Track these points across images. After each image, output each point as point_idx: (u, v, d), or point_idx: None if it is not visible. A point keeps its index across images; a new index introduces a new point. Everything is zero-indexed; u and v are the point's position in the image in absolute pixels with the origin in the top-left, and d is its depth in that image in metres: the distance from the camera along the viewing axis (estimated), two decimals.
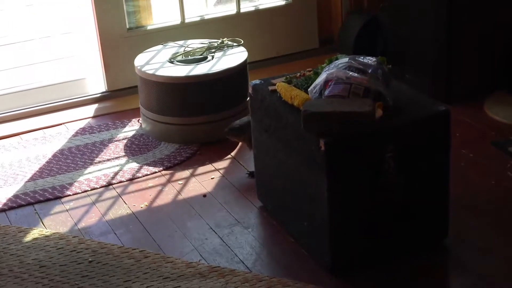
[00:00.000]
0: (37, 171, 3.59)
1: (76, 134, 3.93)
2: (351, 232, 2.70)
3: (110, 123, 4.03)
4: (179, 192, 3.37)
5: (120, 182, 3.47)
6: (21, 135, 3.97)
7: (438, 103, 2.76)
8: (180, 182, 3.45)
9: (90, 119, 4.12)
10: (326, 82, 2.69)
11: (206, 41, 4.04)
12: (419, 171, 2.71)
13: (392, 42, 4.22)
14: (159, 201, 3.31)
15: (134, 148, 3.74)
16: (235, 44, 4.00)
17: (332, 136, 2.57)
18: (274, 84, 2.95)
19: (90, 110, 4.20)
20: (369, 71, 2.69)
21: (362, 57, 2.77)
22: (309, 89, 2.77)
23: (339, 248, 2.71)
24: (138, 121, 4.01)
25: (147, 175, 3.51)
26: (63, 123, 4.06)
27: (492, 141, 3.56)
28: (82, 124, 4.05)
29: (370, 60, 2.76)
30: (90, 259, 2.89)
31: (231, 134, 3.48)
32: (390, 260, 2.78)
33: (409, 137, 2.67)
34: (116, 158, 3.67)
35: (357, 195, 2.65)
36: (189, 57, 3.90)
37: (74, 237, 3.05)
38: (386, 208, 2.70)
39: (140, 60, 3.88)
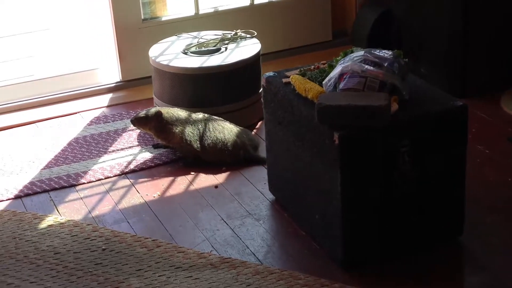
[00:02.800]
0: (53, 159, 3.61)
1: (91, 123, 3.95)
2: (363, 226, 2.69)
3: (124, 112, 4.04)
4: (191, 183, 3.38)
5: (133, 171, 3.48)
6: (37, 123, 3.99)
7: (455, 98, 2.73)
8: (192, 172, 3.45)
9: (104, 108, 4.13)
10: (341, 75, 2.68)
11: (219, 32, 4.05)
12: (434, 166, 2.69)
13: (407, 35, 4.20)
14: (171, 191, 3.33)
15: (147, 138, 3.74)
16: (248, 35, 4.00)
17: (346, 129, 2.56)
18: (288, 77, 2.94)
19: (105, 99, 4.21)
20: (385, 64, 2.67)
21: (378, 50, 2.75)
22: (323, 82, 2.76)
23: (351, 243, 2.70)
24: None
25: (159, 164, 3.53)
26: (78, 112, 4.08)
27: (509, 138, 3.54)
28: (96, 113, 4.07)
29: (386, 53, 2.74)
30: (103, 247, 2.91)
31: (136, 123, 3.52)
32: (402, 256, 2.76)
33: (424, 132, 2.65)
34: (130, 147, 3.69)
35: (371, 189, 2.64)
36: (203, 49, 3.90)
37: (88, 224, 3.06)
38: (400, 203, 2.69)
39: (154, 51, 3.89)
